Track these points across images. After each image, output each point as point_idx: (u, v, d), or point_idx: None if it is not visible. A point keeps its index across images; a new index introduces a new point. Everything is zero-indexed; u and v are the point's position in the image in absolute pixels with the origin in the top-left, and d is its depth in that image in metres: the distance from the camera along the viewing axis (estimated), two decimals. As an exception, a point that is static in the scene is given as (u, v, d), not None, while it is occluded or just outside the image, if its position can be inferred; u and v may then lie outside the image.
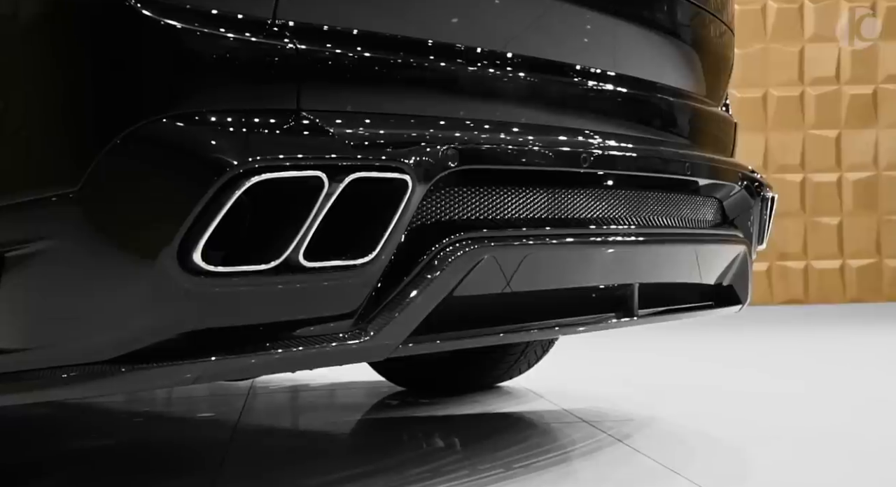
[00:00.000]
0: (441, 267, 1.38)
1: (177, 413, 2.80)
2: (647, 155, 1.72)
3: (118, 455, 2.21)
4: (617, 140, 1.68)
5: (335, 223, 1.30)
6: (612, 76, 1.74)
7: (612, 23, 1.75)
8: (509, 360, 2.75)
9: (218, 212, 1.19)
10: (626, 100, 1.77)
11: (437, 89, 1.45)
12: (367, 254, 1.31)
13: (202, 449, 2.21)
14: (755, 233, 2.14)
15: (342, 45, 1.35)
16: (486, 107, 1.50)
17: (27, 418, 2.61)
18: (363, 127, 1.33)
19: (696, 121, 2.02)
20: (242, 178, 1.19)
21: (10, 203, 1.25)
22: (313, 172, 1.24)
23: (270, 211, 1.26)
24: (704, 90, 2.10)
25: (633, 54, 1.80)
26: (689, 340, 4.41)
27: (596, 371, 3.44)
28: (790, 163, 6.64)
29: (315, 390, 3.06)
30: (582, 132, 1.62)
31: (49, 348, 1.26)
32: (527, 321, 1.57)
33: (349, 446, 2.30)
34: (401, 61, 1.41)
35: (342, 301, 1.33)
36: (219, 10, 1.26)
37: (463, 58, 1.48)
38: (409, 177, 1.32)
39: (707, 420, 2.39)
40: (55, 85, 1.23)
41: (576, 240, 1.55)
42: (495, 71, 1.51)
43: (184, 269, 1.20)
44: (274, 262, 1.24)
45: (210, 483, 1.83)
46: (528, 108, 1.56)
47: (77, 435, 2.47)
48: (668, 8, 1.92)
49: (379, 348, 1.36)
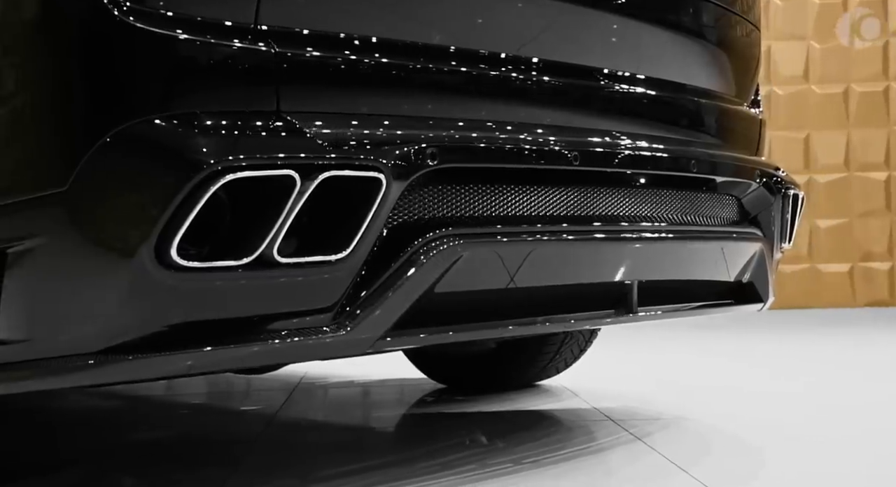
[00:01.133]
0: (419, 264, 1.42)
1: (221, 407, 2.90)
2: (640, 151, 1.72)
3: (149, 444, 2.31)
4: (611, 137, 1.69)
5: (313, 220, 1.35)
6: (608, 73, 1.75)
7: (598, 15, 1.75)
8: (544, 358, 2.77)
9: (192, 209, 1.25)
10: (618, 95, 1.77)
11: (416, 89, 1.48)
12: (342, 251, 1.35)
13: (231, 442, 2.28)
14: (776, 232, 2.12)
15: (320, 48, 1.40)
16: (466, 107, 1.52)
17: (83, 410, 2.74)
18: (341, 127, 1.37)
19: (704, 116, 2.00)
20: (215, 177, 1.25)
21: (10, 202, 1.33)
22: (285, 171, 1.29)
23: (246, 208, 1.31)
24: (721, 86, 2.09)
25: (624, 49, 1.80)
26: (748, 342, 4.34)
27: (635, 370, 3.43)
28: (874, 161, 6.45)
29: (357, 386, 3.12)
30: (576, 130, 1.64)
31: (45, 339, 1.33)
32: (516, 317, 1.60)
33: (367, 440, 2.34)
34: (381, 64, 1.44)
35: (320, 295, 1.38)
36: (201, 17, 1.33)
37: (444, 59, 1.51)
38: (384, 175, 1.36)
39: (735, 421, 2.37)
40: (45, 90, 1.31)
41: (557, 237, 1.57)
42: (474, 71, 1.54)
43: (162, 265, 1.26)
44: (248, 258, 1.30)
45: (229, 473, 1.90)
46: (513, 107, 1.58)
47: (122, 426, 2.58)
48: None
49: (357, 342, 1.41)
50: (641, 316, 1.76)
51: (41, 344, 1.33)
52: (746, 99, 2.25)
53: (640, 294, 1.76)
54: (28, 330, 1.34)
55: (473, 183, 1.50)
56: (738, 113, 2.15)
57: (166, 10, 1.31)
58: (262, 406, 2.82)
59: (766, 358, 3.85)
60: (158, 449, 2.25)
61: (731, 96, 2.13)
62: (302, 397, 2.90)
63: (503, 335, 1.66)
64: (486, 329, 1.57)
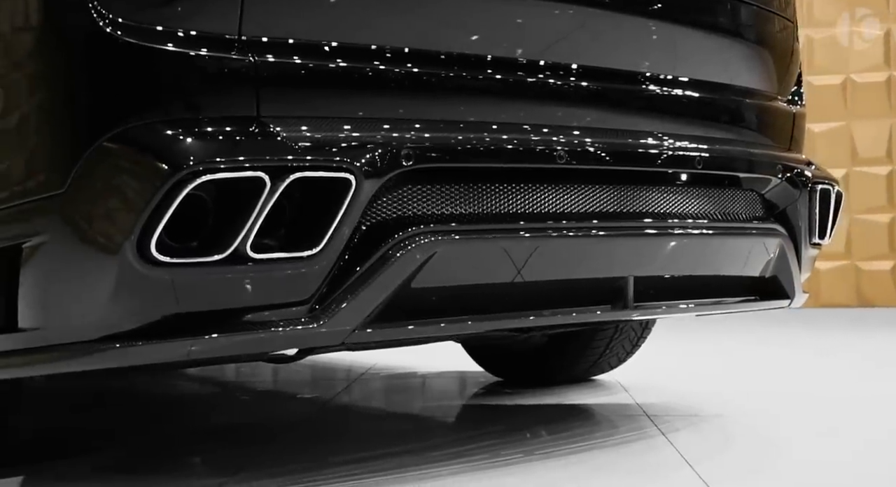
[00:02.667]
0: (393, 260, 1.49)
1: (281, 394, 3.04)
2: (631, 147, 1.74)
3: (194, 427, 2.46)
4: (604, 134, 1.72)
5: (287, 218, 1.44)
6: (602, 69, 1.77)
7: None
8: (592, 354, 2.79)
9: (168, 208, 1.36)
10: (603, 88, 1.78)
11: (392, 93, 1.55)
12: (313, 247, 1.44)
13: (274, 426, 2.41)
14: (803, 227, 2.09)
15: (298, 56, 1.48)
16: (441, 109, 1.58)
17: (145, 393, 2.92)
18: (317, 131, 1.46)
19: (713, 111, 1.99)
20: (189, 179, 1.36)
21: (22, 201, 1.47)
22: (255, 173, 1.39)
23: (223, 208, 1.41)
24: (740, 79, 2.07)
25: (612, 41, 1.81)
26: (837, 340, 4.23)
27: (700, 367, 3.41)
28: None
29: (415, 377, 3.21)
30: (561, 128, 1.68)
31: (54, 328, 1.47)
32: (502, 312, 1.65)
33: (392, 429, 2.41)
34: (358, 70, 1.52)
35: (296, 289, 1.47)
36: (187, 30, 1.43)
37: (419, 63, 1.57)
38: (354, 176, 1.44)
39: (772, 420, 2.35)
40: (46, 99, 1.44)
41: (534, 233, 1.61)
42: (450, 73, 1.59)
43: (144, 260, 1.38)
44: (223, 254, 1.40)
45: (259, 452, 2.02)
46: (488, 107, 1.63)
47: (180, 407, 2.75)
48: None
49: (332, 334, 1.49)
50: (638, 312, 1.78)
51: (50, 331, 1.47)
52: (779, 92, 2.22)
53: (641, 289, 1.79)
54: (40, 318, 1.47)
55: (450, 182, 1.56)
56: (761, 107, 2.13)
57: (155, 24, 1.42)
58: (318, 394, 2.95)
59: (847, 360, 3.75)
60: (205, 430, 2.39)
61: (756, 89, 2.11)
62: (359, 386, 3.01)
63: (482, 330, 1.71)
64: (463, 323, 1.62)
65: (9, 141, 1.47)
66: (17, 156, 1.47)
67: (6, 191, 1.48)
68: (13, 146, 1.47)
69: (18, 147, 1.47)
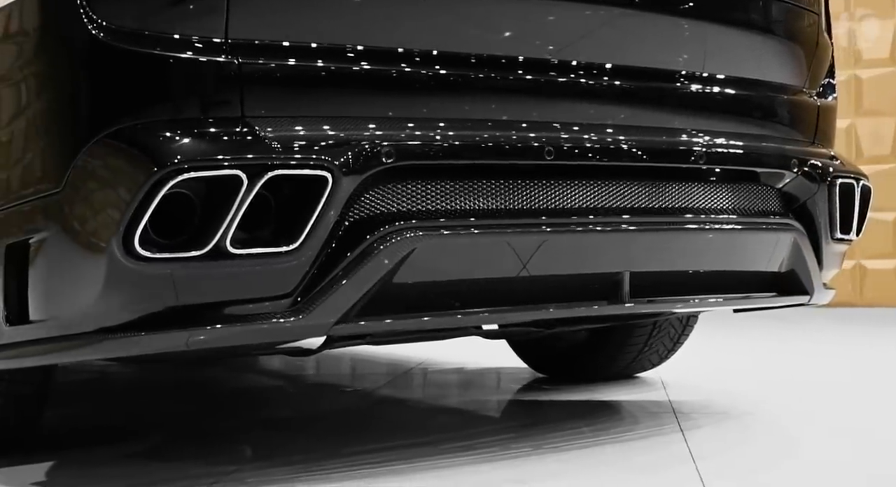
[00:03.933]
0: (373, 255, 1.53)
1: (322, 385, 3.12)
2: (631, 143, 1.74)
3: (234, 416, 2.55)
4: (595, 130, 1.72)
5: (267, 215, 1.50)
6: (601, 66, 1.78)
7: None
8: (631, 350, 2.77)
9: (150, 205, 1.43)
10: (594, 84, 1.78)
11: (372, 92, 1.59)
12: (292, 243, 1.49)
13: (307, 418, 2.49)
14: (824, 222, 2.05)
15: (282, 58, 1.54)
16: (421, 107, 1.62)
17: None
18: (298, 130, 1.52)
19: (720, 104, 1.96)
20: (169, 177, 1.43)
21: (27, 200, 1.57)
22: (233, 172, 1.45)
23: (207, 205, 1.48)
24: (756, 72, 2.03)
25: (604, 35, 1.81)
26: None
27: (748, 364, 3.35)
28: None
29: (458, 373, 3.25)
30: (546, 125, 1.69)
31: (58, 320, 1.56)
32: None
33: (409, 420, 2.45)
34: (340, 70, 1.57)
35: (277, 284, 1.52)
36: (172, 34, 1.50)
37: (399, 63, 1.61)
38: (331, 174, 1.48)
39: (799, 419, 2.30)
40: (43, 104, 1.54)
41: (516, 230, 1.63)
42: (428, 72, 1.63)
43: (129, 255, 1.45)
44: (203, 250, 1.46)
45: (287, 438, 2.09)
46: (467, 105, 1.66)
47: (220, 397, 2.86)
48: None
49: (313, 327, 1.54)
50: (634, 307, 1.78)
51: (55, 323, 1.56)
52: (804, 85, 2.17)
53: (639, 284, 1.79)
54: (46, 311, 1.57)
55: (430, 179, 1.59)
56: (778, 100, 2.09)
57: (143, 29, 1.49)
58: (366, 386, 3.02)
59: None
60: (250, 419, 2.48)
61: (770, 81, 2.07)
62: (403, 380, 3.07)
63: (464, 324, 1.74)
64: (448, 318, 1.65)
65: (12, 143, 1.57)
66: (21, 156, 1.57)
67: (13, 191, 1.58)
68: (17, 147, 1.57)
69: (22, 148, 1.57)
